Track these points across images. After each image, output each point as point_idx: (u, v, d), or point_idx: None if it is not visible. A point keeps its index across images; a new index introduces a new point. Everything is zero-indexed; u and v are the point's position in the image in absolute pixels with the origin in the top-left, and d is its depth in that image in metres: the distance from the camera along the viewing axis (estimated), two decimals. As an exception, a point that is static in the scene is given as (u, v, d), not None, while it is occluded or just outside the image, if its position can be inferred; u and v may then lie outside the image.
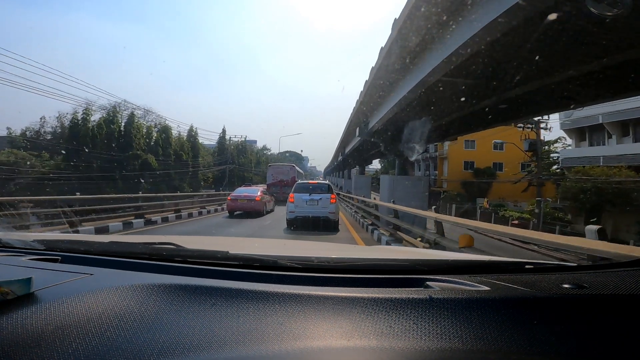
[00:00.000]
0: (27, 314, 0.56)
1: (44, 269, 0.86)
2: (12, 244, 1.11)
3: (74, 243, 1.16)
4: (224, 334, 0.56)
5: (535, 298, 0.67)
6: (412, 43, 7.00)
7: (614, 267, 0.88)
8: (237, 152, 45.33)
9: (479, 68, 6.49)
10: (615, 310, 0.64)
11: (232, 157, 42.45)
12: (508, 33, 4.97)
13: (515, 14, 4.51)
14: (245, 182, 35.97)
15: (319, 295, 0.67)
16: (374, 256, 1.18)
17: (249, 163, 49.82)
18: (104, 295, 0.65)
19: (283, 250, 1.31)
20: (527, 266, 0.89)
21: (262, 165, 53.24)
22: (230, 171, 39.67)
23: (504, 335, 0.56)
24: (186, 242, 1.14)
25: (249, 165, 49.00)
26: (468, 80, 7.12)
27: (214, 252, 0.96)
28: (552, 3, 4.15)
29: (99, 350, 0.52)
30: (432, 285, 0.74)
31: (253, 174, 49.77)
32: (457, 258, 1.23)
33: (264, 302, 0.65)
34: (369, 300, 0.64)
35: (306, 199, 8.48)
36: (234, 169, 41.14)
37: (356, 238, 7.72)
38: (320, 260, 0.90)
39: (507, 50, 5.73)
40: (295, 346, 0.54)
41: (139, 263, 0.92)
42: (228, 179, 37.41)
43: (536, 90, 7.28)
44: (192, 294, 0.68)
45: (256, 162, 54.37)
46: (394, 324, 0.58)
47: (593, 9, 3.42)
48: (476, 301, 0.63)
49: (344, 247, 2.87)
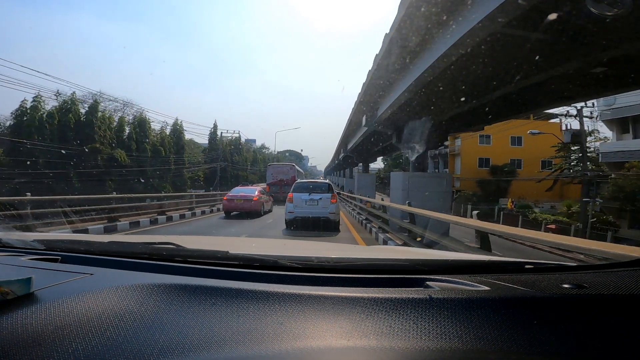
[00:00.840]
0: (27, 314, 0.56)
1: (44, 269, 0.86)
2: (12, 244, 1.11)
3: (74, 243, 1.17)
4: (224, 333, 0.56)
5: (535, 298, 0.67)
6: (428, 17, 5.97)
7: (614, 267, 0.88)
8: (230, 150, 42.70)
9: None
10: (615, 310, 0.64)
11: (225, 154, 40.23)
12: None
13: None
14: (242, 182, 34.41)
15: (319, 295, 0.67)
16: (374, 256, 1.18)
17: (244, 161, 46.98)
18: (104, 295, 0.65)
19: (283, 250, 1.31)
20: (527, 266, 0.89)
21: (259, 164, 51.42)
22: (222, 170, 37.24)
23: (504, 335, 0.56)
24: (186, 242, 1.14)
25: (244, 164, 46.32)
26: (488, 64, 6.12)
27: (214, 252, 0.96)
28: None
29: (99, 350, 0.52)
30: (432, 285, 0.74)
31: (249, 172, 47.51)
32: (457, 258, 1.23)
33: (264, 302, 0.65)
34: (369, 300, 0.64)
35: (305, 198, 8.23)
36: (226, 168, 38.70)
37: (357, 238, 7.66)
38: (320, 260, 0.90)
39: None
40: (295, 346, 0.54)
41: (139, 263, 0.92)
42: (220, 178, 34.99)
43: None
44: (192, 294, 0.68)
45: (253, 161, 51.97)
46: (394, 324, 0.58)
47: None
48: (476, 301, 0.63)
49: (344, 247, 2.87)
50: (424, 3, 6.00)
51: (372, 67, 10.00)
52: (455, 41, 5.97)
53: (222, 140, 41.82)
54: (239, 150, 45.87)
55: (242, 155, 46.74)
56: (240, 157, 45.38)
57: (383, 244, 6.62)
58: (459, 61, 6.50)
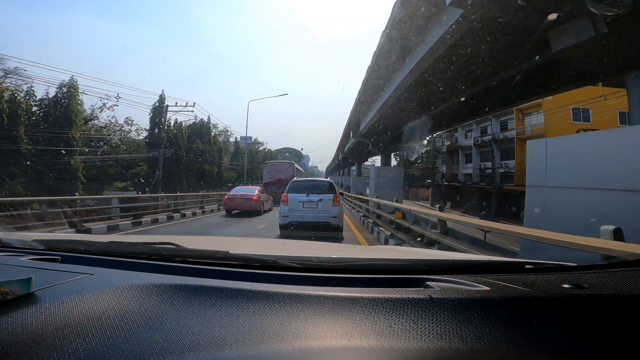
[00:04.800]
0: (27, 314, 0.56)
1: (44, 269, 0.86)
2: (12, 244, 1.11)
3: (74, 243, 1.16)
4: (224, 334, 0.56)
5: (535, 298, 0.67)
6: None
7: (614, 267, 0.88)
8: (188, 134, 29.53)
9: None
10: (615, 310, 0.64)
11: (178, 139, 27.15)
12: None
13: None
14: (222, 182, 28.16)
15: (319, 295, 0.67)
16: (374, 256, 1.18)
17: (219, 153, 33.79)
18: (104, 295, 0.65)
19: (283, 250, 1.31)
20: (527, 266, 0.89)
21: (240, 157, 37.55)
22: (175, 162, 25.53)
23: (504, 335, 0.56)
24: (186, 242, 1.14)
25: (215, 156, 32.89)
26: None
27: (213, 252, 0.96)
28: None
29: (99, 350, 0.52)
30: (432, 285, 0.74)
31: (227, 169, 35.70)
32: (457, 258, 1.23)
33: (264, 302, 0.65)
34: (369, 300, 0.64)
35: (303, 200, 6.92)
36: (179, 159, 26.78)
37: (360, 238, 7.52)
38: (320, 260, 0.90)
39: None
40: (295, 346, 0.54)
41: (139, 263, 0.92)
42: (169, 174, 23.98)
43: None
44: (192, 294, 0.68)
45: (234, 154, 39.76)
46: (394, 324, 0.58)
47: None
48: (476, 301, 0.63)
49: (344, 247, 2.87)
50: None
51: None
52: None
53: (180, 123, 28.27)
54: (205, 136, 31.98)
55: (213, 145, 33.44)
56: (210, 147, 32.26)
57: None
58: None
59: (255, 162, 43.50)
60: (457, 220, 4.97)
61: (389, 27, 8.97)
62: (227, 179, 34.56)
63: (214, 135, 35.16)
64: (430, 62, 8.63)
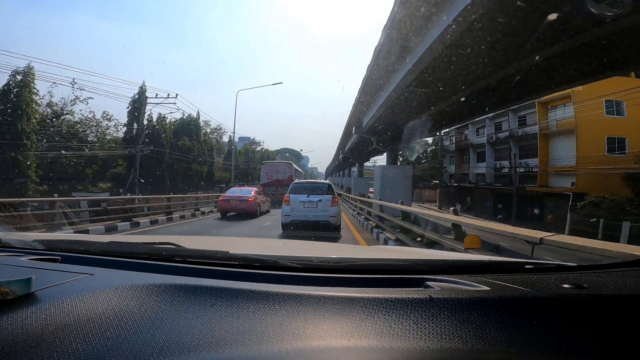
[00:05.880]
0: (27, 314, 0.56)
1: (44, 269, 0.86)
2: (12, 244, 1.11)
3: (74, 243, 1.16)
4: (224, 334, 0.56)
5: (535, 298, 0.67)
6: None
7: (614, 267, 0.88)
8: (172, 129, 27.36)
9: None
10: (615, 310, 0.64)
11: (159, 135, 24.89)
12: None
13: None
14: (216, 182, 26.77)
15: (319, 295, 0.67)
16: (373, 256, 1.18)
17: (207, 150, 31.62)
18: (104, 295, 0.65)
19: (283, 250, 1.31)
20: (527, 266, 0.89)
21: (236, 157, 34.37)
22: (156, 160, 23.45)
23: (504, 335, 0.55)
24: (186, 242, 1.14)
25: (203, 152, 30.62)
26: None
27: (213, 252, 0.96)
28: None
29: (99, 350, 0.52)
30: (432, 285, 0.74)
31: (219, 168, 33.99)
32: (457, 258, 1.22)
33: (264, 302, 0.65)
34: (369, 300, 0.64)
35: (304, 200, 7.54)
36: (162, 157, 24.60)
37: (358, 238, 7.57)
38: (320, 260, 0.90)
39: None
40: (295, 346, 0.54)
41: (139, 263, 0.92)
42: (147, 173, 21.67)
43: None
44: (192, 294, 0.68)
45: (227, 153, 36.05)
46: (394, 324, 0.58)
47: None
48: (476, 301, 0.63)
49: (344, 247, 2.87)
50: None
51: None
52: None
53: (163, 117, 25.67)
54: (193, 133, 29.63)
55: (203, 142, 31.36)
56: (199, 145, 30.12)
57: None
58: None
59: (252, 162, 42.58)
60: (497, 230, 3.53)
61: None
62: (220, 180, 32.65)
63: (204, 132, 33.44)
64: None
